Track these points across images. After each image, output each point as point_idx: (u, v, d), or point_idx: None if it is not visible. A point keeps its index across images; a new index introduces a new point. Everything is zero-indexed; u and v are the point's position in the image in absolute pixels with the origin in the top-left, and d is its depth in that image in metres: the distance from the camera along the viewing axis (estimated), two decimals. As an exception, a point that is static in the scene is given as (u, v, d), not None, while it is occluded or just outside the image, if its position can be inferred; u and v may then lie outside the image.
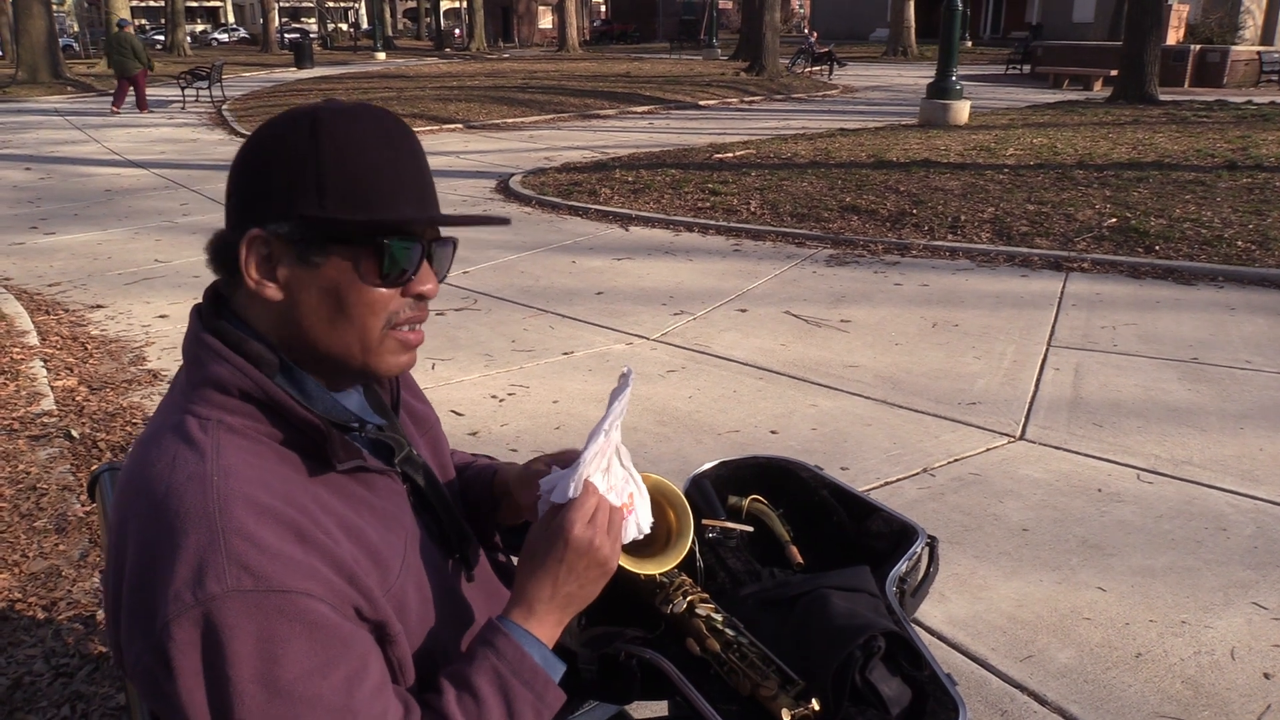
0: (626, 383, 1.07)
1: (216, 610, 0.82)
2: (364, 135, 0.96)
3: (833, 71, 26.61)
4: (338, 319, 0.97)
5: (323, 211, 0.94)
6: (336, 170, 0.94)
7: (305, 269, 0.96)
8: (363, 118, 0.97)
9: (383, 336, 1.00)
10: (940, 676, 1.15)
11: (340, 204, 0.94)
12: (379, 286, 0.97)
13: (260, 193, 0.96)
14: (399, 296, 0.99)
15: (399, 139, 0.99)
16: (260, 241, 0.95)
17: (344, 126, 0.95)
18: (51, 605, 2.67)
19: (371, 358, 1.00)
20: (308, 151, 0.94)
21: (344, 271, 0.96)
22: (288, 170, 0.95)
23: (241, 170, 0.98)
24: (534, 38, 59.28)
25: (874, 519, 1.46)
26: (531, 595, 1.03)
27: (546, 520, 1.03)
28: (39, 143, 14.03)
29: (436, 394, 4.26)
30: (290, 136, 0.95)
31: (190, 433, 0.92)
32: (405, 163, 0.98)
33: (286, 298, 0.97)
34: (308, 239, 0.95)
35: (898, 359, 4.69)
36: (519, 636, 1.01)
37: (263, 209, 0.96)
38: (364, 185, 0.95)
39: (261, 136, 0.98)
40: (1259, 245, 6.45)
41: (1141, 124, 12.89)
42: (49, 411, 4.01)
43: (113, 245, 7.42)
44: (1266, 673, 2.38)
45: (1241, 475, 3.42)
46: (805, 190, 8.71)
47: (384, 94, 20.00)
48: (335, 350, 0.99)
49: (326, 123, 0.95)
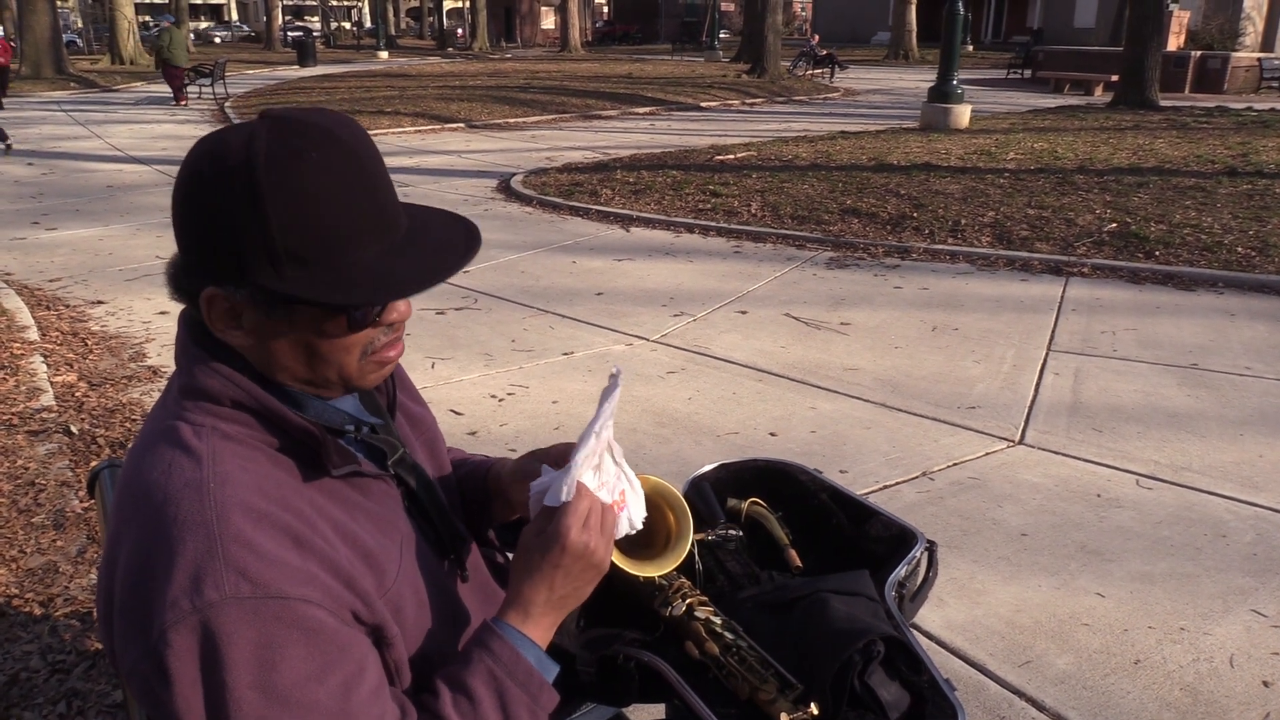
0: (616, 383, 1.06)
1: (214, 617, 0.82)
2: (309, 182, 0.88)
3: (834, 74, 26.61)
4: (313, 360, 0.97)
5: (280, 282, 0.90)
6: (285, 232, 0.88)
7: (271, 321, 0.94)
8: (304, 160, 0.88)
9: (362, 365, 0.99)
10: (939, 681, 1.15)
11: (295, 267, 0.89)
12: (349, 334, 0.96)
13: (206, 252, 0.91)
14: (372, 329, 0.98)
15: (349, 170, 0.91)
16: (220, 299, 0.93)
17: (286, 177, 0.87)
18: (49, 601, 2.66)
19: (353, 382, 1.01)
20: (248, 213, 0.87)
21: (310, 328, 0.94)
22: (232, 234, 0.88)
23: (183, 215, 0.92)
24: (536, 38, 59.29)
25: (873, 523, 1.46)
26: (527, 598, 1.02)
27: (540, 524, 1.03)
28: (41, 138, 14.03)
29: (436, 393, 4.26)
30: (226, 193, 0.88)
31: (185, 439, 0.92)
32: (358, 198, 0.91)
33: (257, 343, 0.96)
34: (269, 301, 0.92)
35: (897, 362, 4.69)
36: (514, 639, 1.01)
37: (214, 270, 0.92)
38: (317, 241, 0.89)
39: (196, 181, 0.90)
40: (1259, 251, 6.45)
41: (1142, 129, 12.90)
42: (48, 407, 4.01)
43: (114, 241, 7.42)
44: (1265, 680, 2.37)
45: (1241, 482, 3.42)
46: (806, 193, 8.71)
47: (386, 93, 20.01)
48: (315, 379, 0.99)
49: (264, 179, 0.87)
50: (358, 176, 0.92)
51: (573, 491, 1.01)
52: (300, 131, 0.89)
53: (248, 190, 0.87)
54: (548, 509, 1.03)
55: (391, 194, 0.97)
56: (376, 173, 0.94)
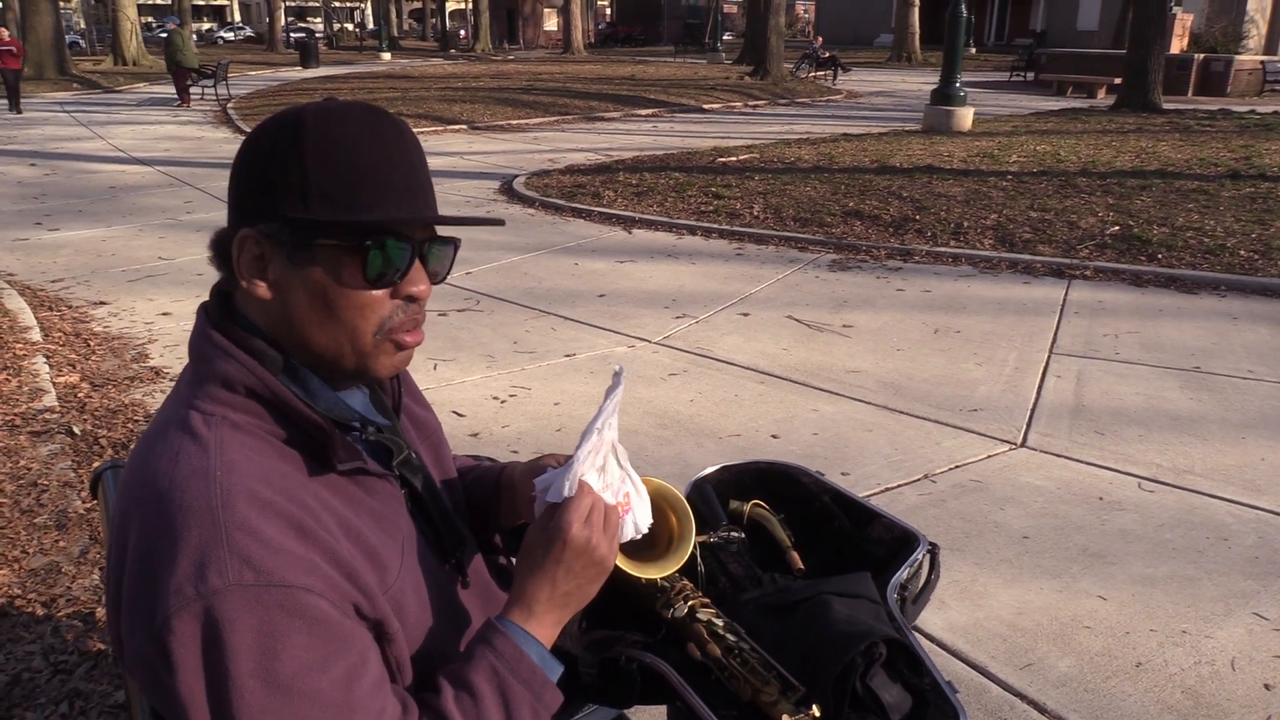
0: (619, 381, 1.06)
1: (218, 604, 0.82)
2: (350, 135, 0.95)
3: (837, 76, 26.60)
4: (326, 320, 0.97)
5: (306, 213, 0.94)
6: (319, 170, 0.94)
7: (293, 269, 0.96)
8: (350, 117, 0.96)
9: (376, 341, 0.99)
10: (941, 684, 1.15)
11: (323, 205, 0.94)
12: (365, 289, 0.97)
13: (249, 194, 0.97)
14: (389, 299, 0.99)
15: (390, 139, 0.97)
16: (251, 241, 0.96)
17: (330, 126, 0.95)
18: (51, 602, 2.67)
19: (366, 361, 1.00)
20: (291, 152, 0.94)
21: (329, 273, 0.96)
22: (273, 171, 0.95)
23: (236, 171, 0.99)
24: (539, 40, 59.34)
25: (875, 525, 1.46)
26: (530, 595, 1.03)
27: (543, 521, 1.03)
28: (44, 139, 14.06)
29: (438, 395, 4.26)
30: (276, 137, 0.95)
31: (194, 428, 0.93)
32: (396, 162, 0.97)
33: (276, 296, 0.97)
34: (294, 240, 0.95)
35: (899, 364, 4.69)
36: (517, 636, 1.01)
37: (252, 210, 0.96)
38: (348, 185, 0.94)
39: (252, 138, 0.98)
40: (1261, 255, 6.44)
41: (1145, 132, 12.90)
42: (51, 408, 4.01)
43: (116, 242, 7.43)
44: (1267, 684, 2.37)
45: (1243, 485, 3.42)
46: (808, 195, 8.71)
47: (389, 94, 20.03)
48: (328, 350, 0.99)
49: (311, 123, 0.95)
50: (397, 145, 0.98)
51: (574, 487, 1.01)
52: (352, 101, 1.00)
53: (294, 132, 0.95)
54: (551, 506, 1.03)
55: (426, 180, 1.02)
56: (414, 154, 1.00)
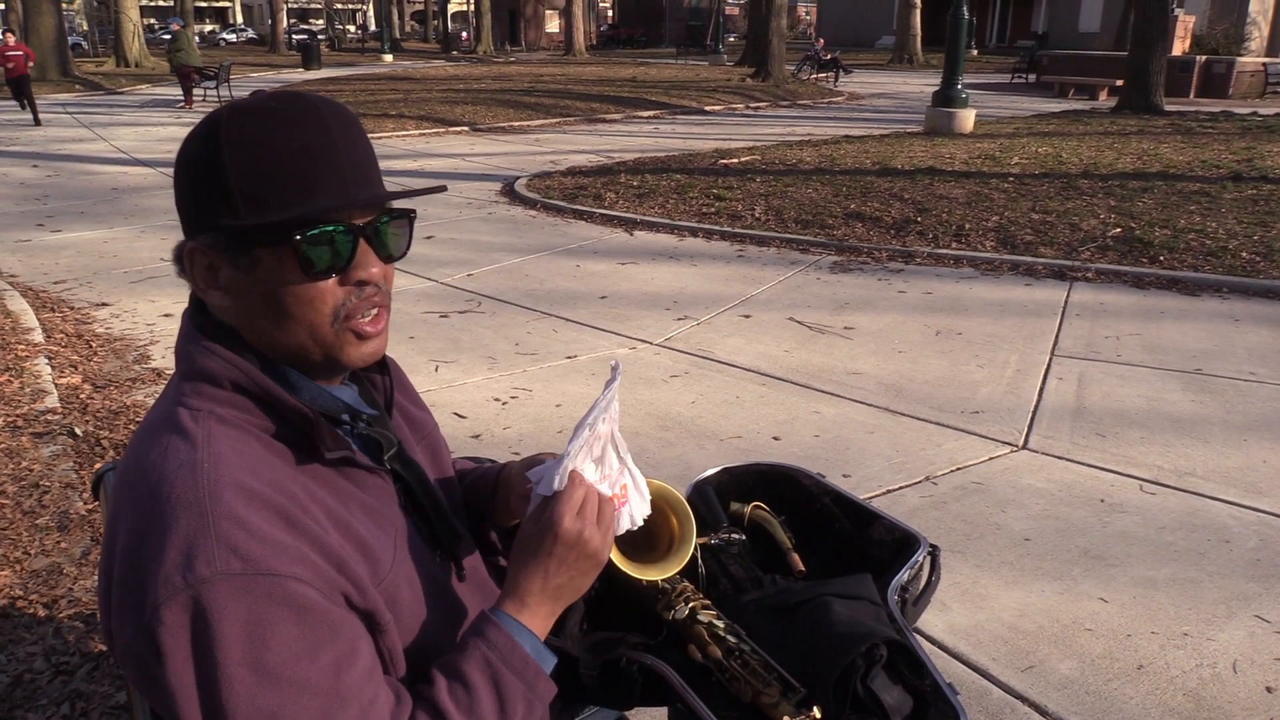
0: (615, 375, 1.06)
1: (206, 593, 0.83)
2: (263, 130, 0.93)
3: (838, 78, 26.60)
4: (281, 318, 0.97)
5: (235, 219, 0.93)
6: (238, 173, 0.93)
7: (240, 274, 0.97)
8: (261, 111, 0.94)
9: (336, 331, 0.99)
10: (941, 686, 1.15)
11: (250, 207, 0.93)
12: (308, 282, 0.96)
13: (185, 206, 0.98)
14: (338, 288, 0.97)
15: (305, 124, 0.95)
16: (198, 253, 0.97)
17: (242, 125, 0.93)
18: (52, 603, 2.67)
19: (331, 351, 0.99)
20: (212, 158, 0.94)
21: (272, 273, 0.95)
22: (199, 181, 0.95)
23: (174, 182, 1.00)
24: (540, 41, 59.38)
25: (876, 527, 1.46)
26: (523, 587, 1.03)
27: (536, 513, 1.03)
28: (46, 140, 14.08)
29: (439, 396, 4.26)
30: (199, 146, 0.95)
31: (182, 423, 0.94)
32: (314, 149, 0.94)
33: (233, 302, 0.98)
34: (233, 247, 0.95)
35: (901, 366, 4.69)
36: (510, 627, 1.02)
37: (192, 222, 0.98)
38: (270, 183, 0.93)
39: (182, 147, 0.99)
40: (1263, 257, 6.44)
41: (1147, 134, 12.89)
42: (53, 409, 4.02)
43: (118, 243, 7.44)
44: (1269, 686, 2.37)
45: (1245, 487, 3.42)
46: (810, 197, 8.71)
47: (390, 96, 20.05)
48: (293, 346, 0.99)
49: (225, 126, 0.94)
50: (317, 133, 0.95)
51: (565, 480, 1.02)
52: (272, 94, 0.98)
53: (211, 138, 0.94)
54: (544, 499, 1.03)
55: (359, 164, 0.98)
56: (339, 138, 0.96)
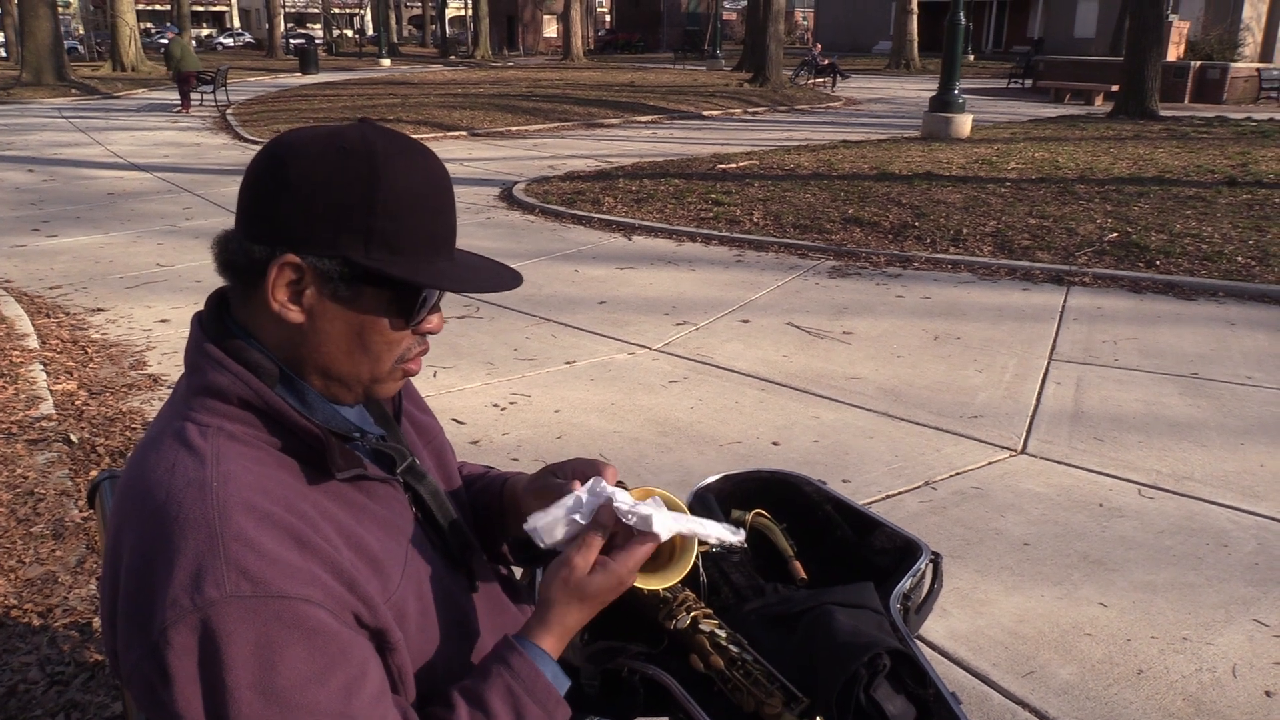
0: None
1: (214, 615, 0.82)
2: (416, 182, 0.96)
3: (836, 84, 26.66)
4: (356, 351, 0.99)
5: (368, 259, 0.94)
6: (389, 220, 0.94)
7: (334, 302, 0.96)
8: (414, 161, 0.96)
9: (392, 369, 1.02)
10: (944, 695, 1.14)
11: (385, 252, 0.94)
12: (405, 329, 1.00)
13: (301, 219, 0.93)
14: (410, 334, 1.02)
15: (442, 184, 0.99)
16: (293, 268, 0.94)
17: (401, 174, 0.94)
18: (47, 612, 2.66)
19: (376, 386, 1.04)
20: (363, 193, 0.93)
21: (372, 311, 0.97)
22: (338, 207, 0.93)
23: (279, 186, 0.93)
24: (538, 46, 59.46)
25: (877, 534, 1.46)
26: (556, 620, 1.04)
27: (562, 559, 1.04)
28: (42, 145, 14.06)
29: (438, 402, 4.25)
30: (345, 171, 0.93)
31: (190, 439, 0.92)
32: (447, 211, 1.00)
33: (308, 323, 0.97)
34: (343, 277, 0.95)
35: (900, 371, 4.69)
36: (535, 656, 1.02)
37: (302, 237, 0.93)
38: (411, 237, 0.96)
39: (309, 157, 0.93)
40: (1259, 261, 6.45)
41: (1142, 139, 12.91)
42: (48, 416, 4.00)
43: (114, 249, 7.42)
44: (1268, 690, 2.37)
45: (1242, 491, 3.42)
46: (808, 202, 8.72)
47: (388, 100, 20.05)
48: (346, 375, 1.01)
49: (384, 166, 0.93)
50: (448, 193, 1.01)
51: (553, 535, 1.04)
52: (406, 138, 0.99)
53: (369, 172, 0.93)
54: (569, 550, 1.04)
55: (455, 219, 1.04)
56: (452, 195, 1.03)
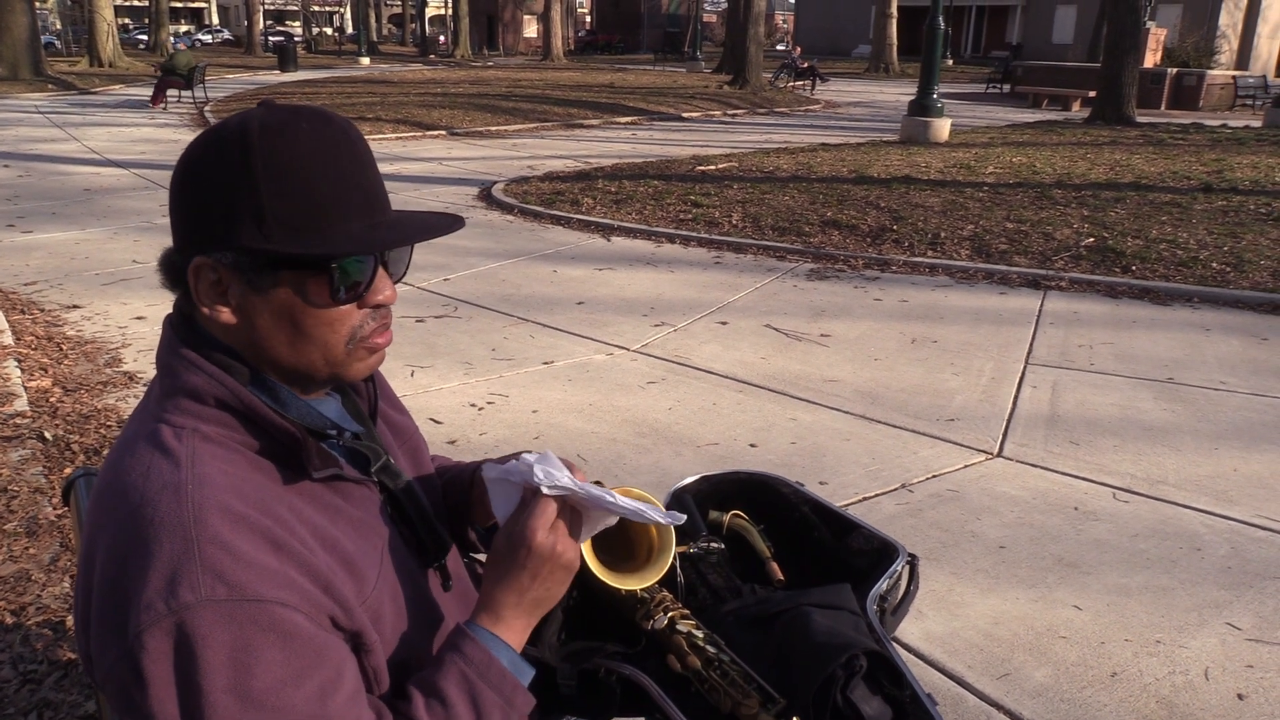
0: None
1: (190, 619, 0.81)
2: (300, 152, 0.92)
3: (815, 87, 26.78)
4: (297, 339, 0.97)
5: (266, 242, 0.91)
6: (274, 197, 0.91)
7: (256, 294, 0.95)
8: (297, 130, 0.92)
9: (349, 350, 1.00)
10: (920, 696, 1.15)
11: (283, 232, 0.91)
12: (333, 306, 0.96)
13: (199, 220, 0.94)
14: (357, 310, 0.99)
15: (340, 149, 0.94)
16: (207, 269, 0.94)
17: (278, 145, 0.91)
18: (20, 610, 2.62)
19: (339, 369, 1.01)
20: (241, 178, 0.90)
21: (295, 295, 0.95)
22: (224, 199, 0.91)
23: (179, 192, 0.95)
24: (519, 46, 59.34)
25: (854, 536, 1.47)
26: (498, 601, 1.03)
27: (508, 527, 1.04)
28: (18, 140, 13.88)
29: (415, 401, 4.23)
30: (221, 159, 0.92)
31: (165, 441, 0.92)
32: (349, 176, 0.94)
33: (241, 320, 0.96)
34: (255, 267, 0.93)
35: (877, 374, 4.71)
36: (487, 641, 1.01)
37: (204, 237, 0.93)
38: (305, 208, 0.92)
39: (194, 157, 0.94)
40: (1233, 267, 6.53)
41: (1119, 145, 13.04)
42: (22, 412, 3.96)
43: (90, 245, 7.35)
44: (1240, 693, 2.39)
45: (1216, 495, 3.46)
46: (787, 204, 8.75)
47: (367, 99, 19.95)
48: (300, 365, 0.99)
49: (258, 144, 0.91)
50: (349, 155, 0.95)
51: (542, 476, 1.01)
52: (294, 110, 0.95)
53: (241, 155, 0.90)
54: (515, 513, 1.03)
55: (379, 182, 1.00)
56: (365, 158, 0.98)
